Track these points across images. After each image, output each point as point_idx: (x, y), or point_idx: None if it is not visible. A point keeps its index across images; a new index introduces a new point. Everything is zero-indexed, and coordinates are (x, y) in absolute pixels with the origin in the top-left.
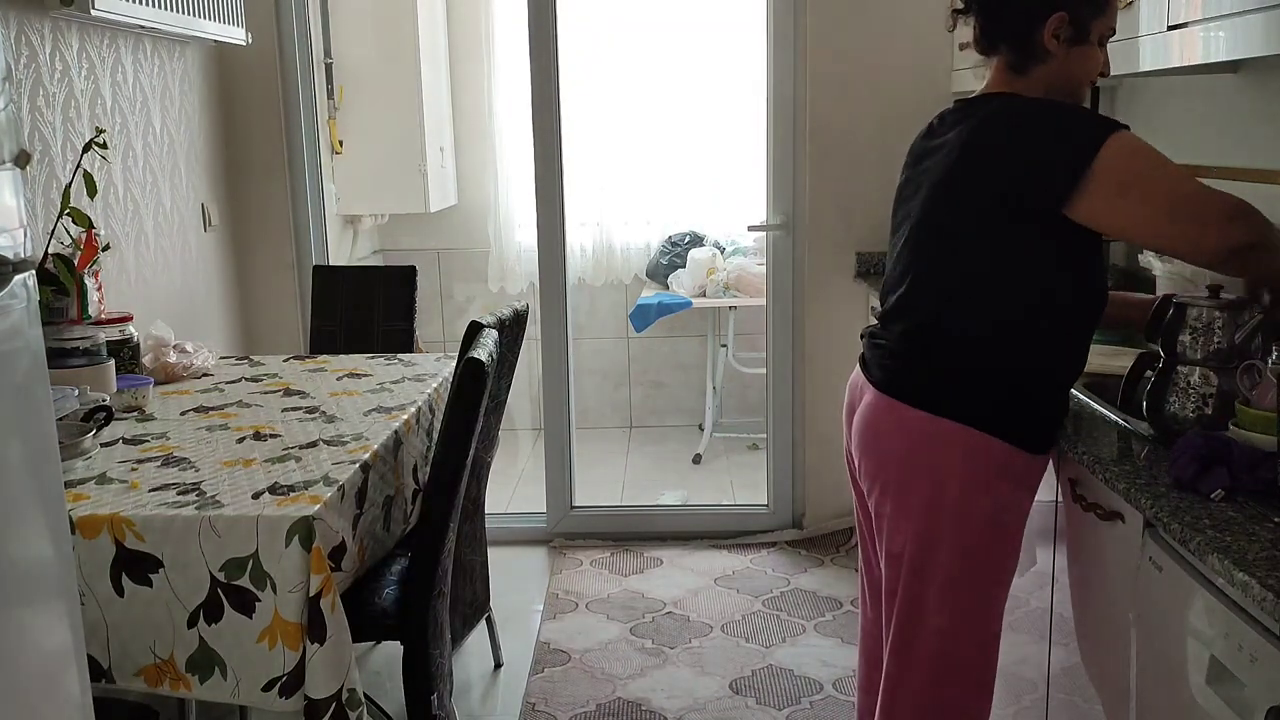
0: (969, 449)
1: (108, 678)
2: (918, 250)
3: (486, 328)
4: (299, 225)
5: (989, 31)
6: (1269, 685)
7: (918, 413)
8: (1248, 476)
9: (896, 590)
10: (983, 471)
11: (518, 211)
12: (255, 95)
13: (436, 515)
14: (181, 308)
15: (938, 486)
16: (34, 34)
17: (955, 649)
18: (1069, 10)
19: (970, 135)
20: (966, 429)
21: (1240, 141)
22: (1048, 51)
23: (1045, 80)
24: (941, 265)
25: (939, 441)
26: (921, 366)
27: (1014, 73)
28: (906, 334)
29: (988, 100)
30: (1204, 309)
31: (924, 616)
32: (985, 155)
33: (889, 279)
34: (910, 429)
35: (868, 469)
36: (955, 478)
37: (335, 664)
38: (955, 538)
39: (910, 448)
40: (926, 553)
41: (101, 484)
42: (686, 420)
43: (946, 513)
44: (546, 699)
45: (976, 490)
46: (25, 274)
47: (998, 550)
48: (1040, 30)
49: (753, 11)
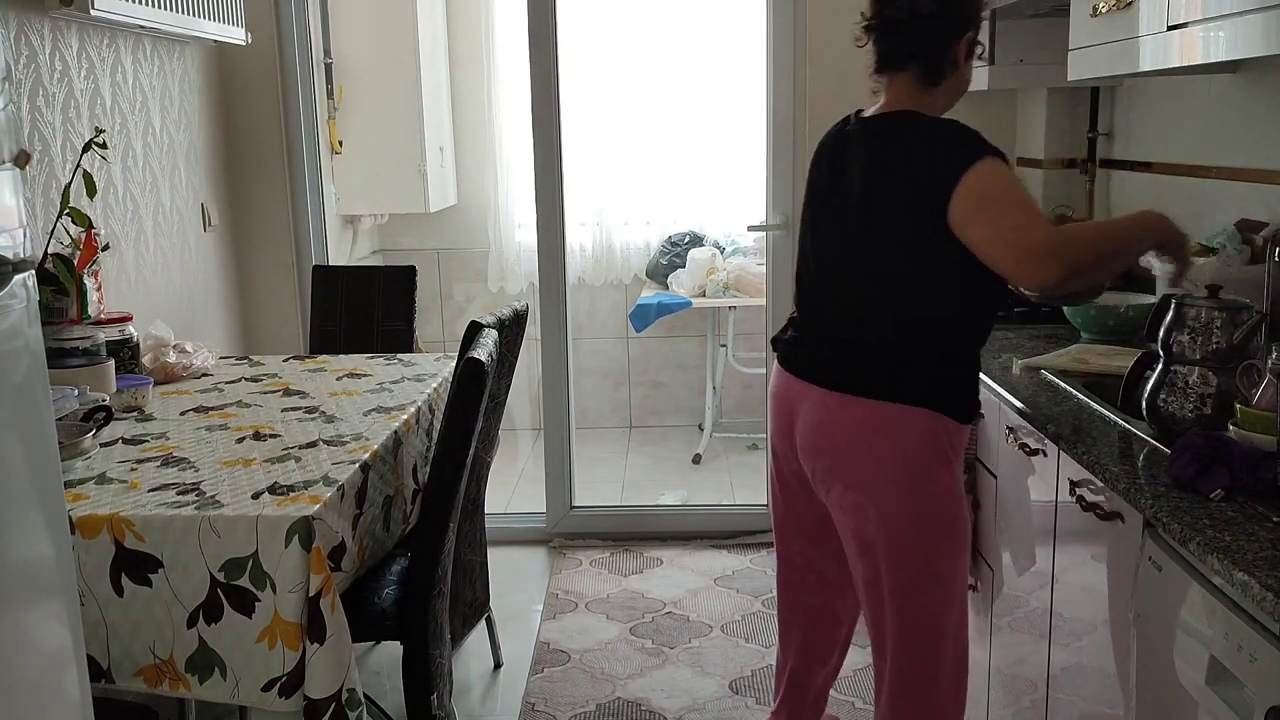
0: (926, 428)
1: (107, 678)
2: (853, 264)
3: (486, 328)
4: (299, 225)
5: (899, 51)
6: (1268, 685)
7: (874, 403)
8: (1247, 476)
9: (878, 580)
10: (940, 446)
11: (517, 211)
12: (255, 95)
13: (436, 515)
14: (181, 308)
15: (904, 467)
16: (34, 34)
17: (948, 617)
18: (976, 30)
19: (886, 154)
20: (921, 410)
21: (1240, 141)
22: (956, 66)
23: (949, 92)
24: (879, 275)
25: (899, 425)
26: (869, 362)
27: (924, 86)
28: (852, 336)
29: (894, 119)
30: (1203, 309)
31: (920, 600)
32: (900, 173)
33: (814, 291)
34: (868, 419)
35: (823, 467)
36: (919, 456)
37: (335, 664)
38: (932, 512)
39: (870, 437)
40: (904, 534)
41: (101, 484)
42: (686, 420)
43: (918, 490)
44: (546, 699)
45: (938, 464)
46: (25, 274)
47: (961, 518)
48: (955, 46)
49: (752, 12)
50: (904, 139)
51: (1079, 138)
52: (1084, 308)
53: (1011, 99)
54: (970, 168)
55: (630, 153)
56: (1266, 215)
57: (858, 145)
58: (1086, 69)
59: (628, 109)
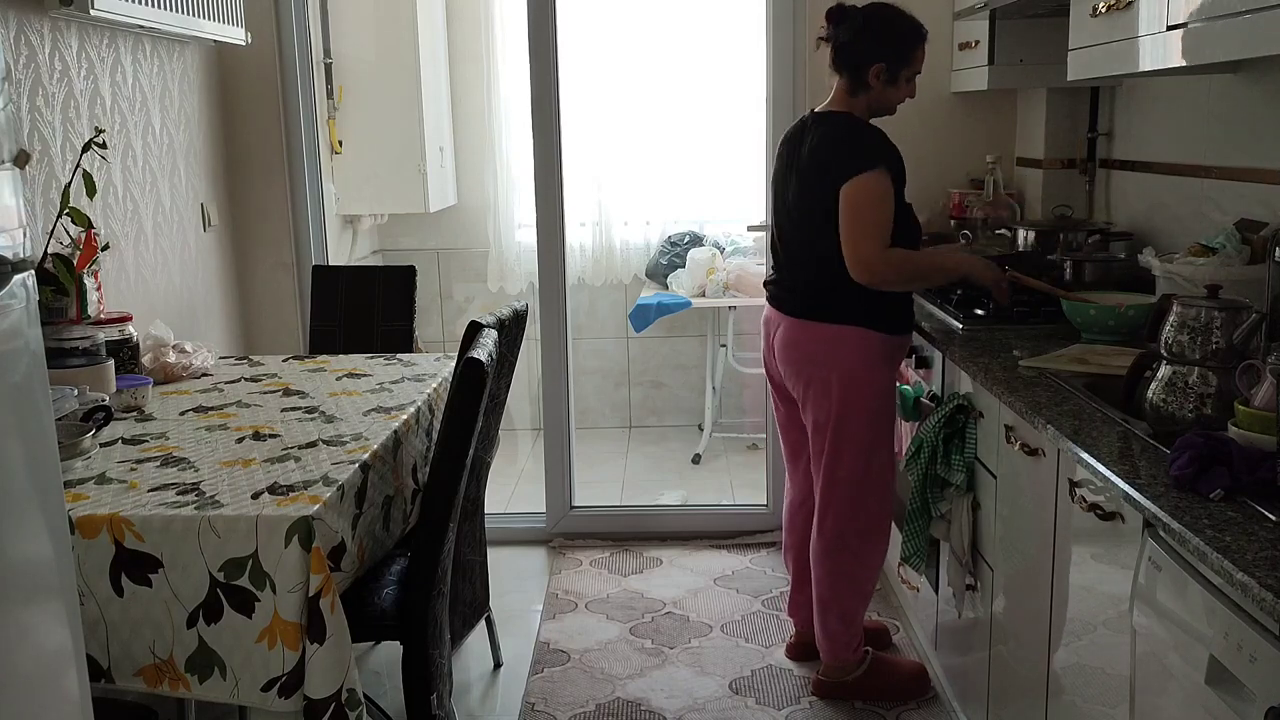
0: (859, 341)
1: (107, 678)
2: (799, 227)
3: (486, 328)
4: (298, 225)
5: (836, 61)
6: (1268, 685)
7: (822, 325)
8: (1247, 476)
9: (824, 450)
10: (871, 353)
11: (518, 211)
12: (255, 95)
13: (436, 515)
14: (181, 308)
15: (846, 371)
16: (33, 34)
17: (863, 484)
18: (886, 62)
19: (819, 143)
20: (855, 328)
21: (1240, 141)
22: (870, 86)
23: (868, 103)
24: (815, 236)
25: (841, 340)
26: (815, 297)
27: (853, 93)
28: (805, 281)
29: (830, 117)
30: (1202, 309)
31: (841, 464)
32: (818, 162)
33: (780, 247)
34: (822, 337)
35: (792, 372)
36: (854, 361)
37: (335, 664)
38: (864, 405)
39: (822, 349)
40: (844, 420)
41: (101, 484)
42: (686, 420)
43: (854, 386)
44: (546, 699)
45: (868, 366)
46: (24, 274)
47: (887, 413)
48: (867, 72)
49: (752, 12)
50: (829, 136)
51: (1078, 138)
52: (1085, 307)
53: (1011, 99)
54: (853, 178)
55: (630, 152)
56: (1266, 215)
57: (808, 134)
58: (1086, 69)
59: (628, 109)
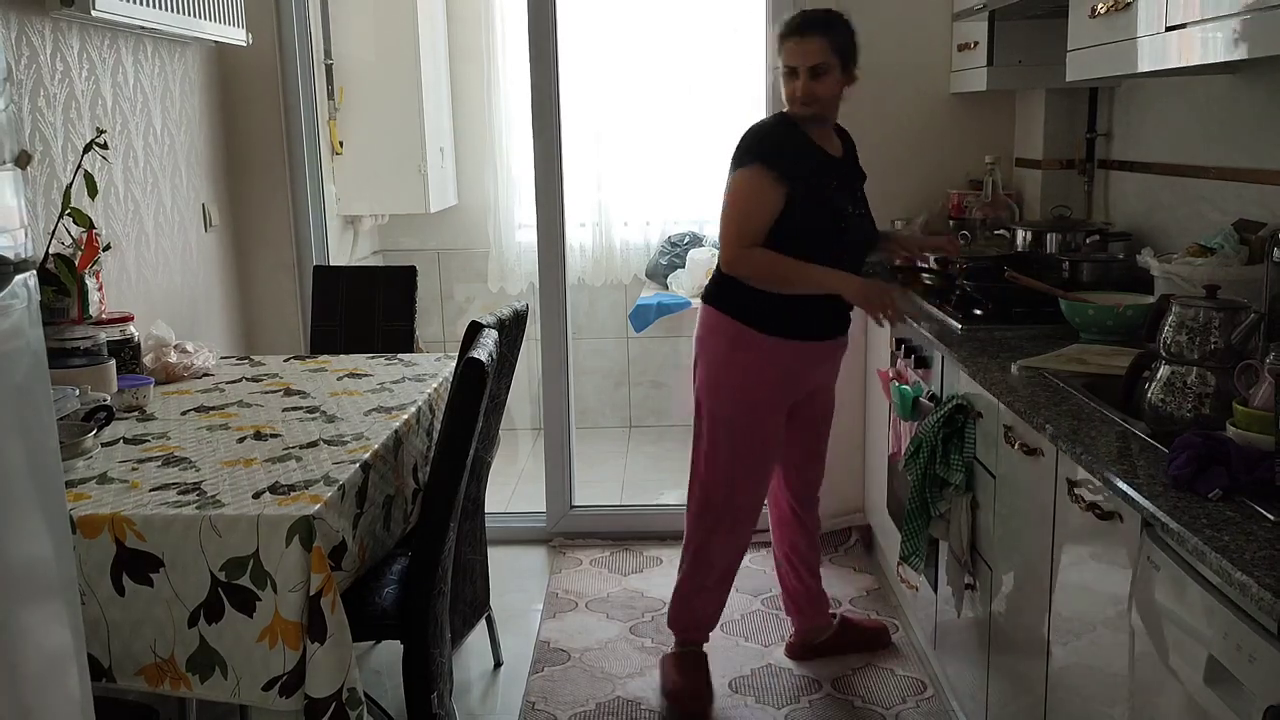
0: (733, 332)
1: (108, 677)
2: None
3: (486, 328)
4: (299, 225)
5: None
6: (1267, 685)
7: (709, 310)
8: (1245, 476)
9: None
10: (746, 352)
11: (518, 211)
12: (255, 96)
13: (436, 515)
14: (182, 308)
15: (716, 352)
16: (35, 35)
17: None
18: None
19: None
20: (728, 318)
21: (1239, 141)
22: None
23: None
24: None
25: (717, 329)
26: (712, 286)
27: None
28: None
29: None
30: (1201, 309)
31: (698, 454)
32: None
33: None
34: (704, 321)
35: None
36: (725, 347)
37: (335, 663)
38: (725, 383)
39: (702, 333)
40: (709, 396)
41: (102, 484)
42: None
43: (721, 368)
44: (546, 698)
45: (736, 366)
46: (26, 274)
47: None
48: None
49: (752, 12)
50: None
51: (1077, 138)
52: (1083, 307)
53: (1010, 99)
54: (737, 170)
55: (630, 152)
56: (1265, 215)
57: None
58: (1085, 69)
59: (628, 108)
